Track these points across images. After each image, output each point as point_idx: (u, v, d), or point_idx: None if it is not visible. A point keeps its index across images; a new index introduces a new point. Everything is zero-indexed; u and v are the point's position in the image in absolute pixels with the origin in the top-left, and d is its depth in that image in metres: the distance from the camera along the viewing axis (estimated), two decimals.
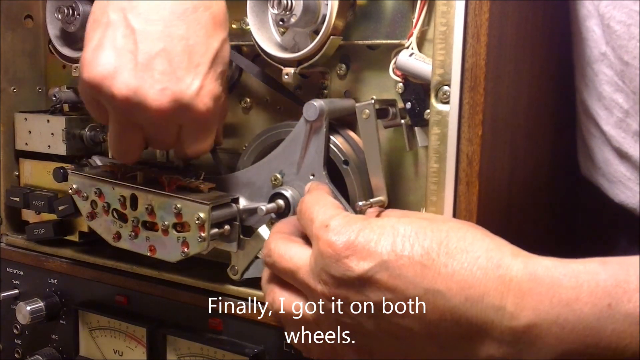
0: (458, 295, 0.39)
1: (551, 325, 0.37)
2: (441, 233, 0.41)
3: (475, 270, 0.39)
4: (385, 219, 0.43)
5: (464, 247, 0.40)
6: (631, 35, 0.48)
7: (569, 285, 0.37)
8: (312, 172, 0.55)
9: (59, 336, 0.72)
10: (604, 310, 0.36)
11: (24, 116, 0.74)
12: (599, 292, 0.36)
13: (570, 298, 0.37)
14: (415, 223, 0.42)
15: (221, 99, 0.54)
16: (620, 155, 0.53)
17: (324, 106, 0.53)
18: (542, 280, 0.38)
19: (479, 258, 0.40)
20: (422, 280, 0.40)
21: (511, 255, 0.40)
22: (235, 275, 0.58)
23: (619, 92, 0.51)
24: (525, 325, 0.38)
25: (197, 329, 0.62)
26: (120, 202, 0.59)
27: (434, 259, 0.40)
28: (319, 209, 0.47)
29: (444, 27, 0.47)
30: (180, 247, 0.56)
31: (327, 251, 0.43)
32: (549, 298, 0.37)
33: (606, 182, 0.56)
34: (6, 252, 0.76)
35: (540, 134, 0.61)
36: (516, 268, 0.39)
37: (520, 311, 0.38)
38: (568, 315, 0.37)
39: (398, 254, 0.41)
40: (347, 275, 0.42)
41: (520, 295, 0.38)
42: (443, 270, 0.40)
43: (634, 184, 0.53)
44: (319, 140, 0.54)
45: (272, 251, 0.48)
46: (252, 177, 0.58)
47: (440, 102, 0.48)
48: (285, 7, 0.53)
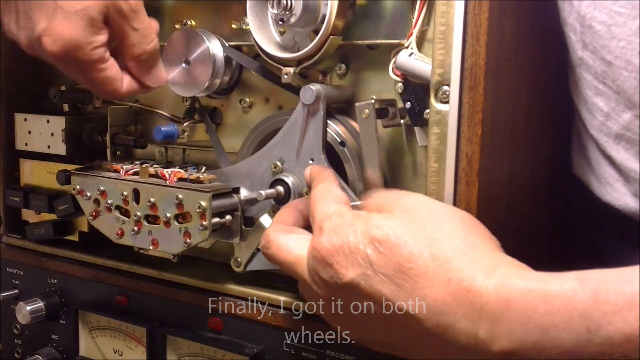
0: (430, 321, 0.39)
1: (528, 350, 0.37)
2: (414, 245, 0.41)
3: (446, 297, 0.39)
4: (369, 221, 0.43)
5: (435, 266, 0.40)
6: (612, 35, 0.48)
7: (545, 311, 0.36)
8: (311, 157, 0.55)
9: (59, 336, 0.72)
10: (582, 334, 0.35)
11: (24, 116, 0.74)
12: (576, 317, 0.35)
13: (547, 324, 0.36)
14: (397, 232, 0.42)
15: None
16: (605, 157, 0.53)
17: (320, 90, 0.54)
18: (516, 306, 0.37)
19: (450, 281, 0.39)
20: (397, 299, 0.40)
21: (484, 276, 0.39)
22: (238, 268, 0.58)
23: (598, 96, 0.51)
24: (500, 352, 0.37)
25: (197, 329, 0.62)
26: (122, 198, 0.60)
27: (404, 279, 0.40)
28: (320, 206, 0.47)
29: (444, 26, 0.48)
30: (183, 237, 0.57)
31: (316, 254, 0.44)
32: (522, 325, 0.37)
33: (596, 182, 0.56)
34: (6, 252, 0.76)
35: (540, 133, 0.61)
36: (487, 293, 0.38)
37: (493, 338, 0.38)
38: (545, 341, 0.36)
39: (375, 269, 0.41)
40: (334, 280, 0.43)
41: (493, 322, 0.38)
42: (415, 293, 0.40)
43: (621, 185, 0.53)
44: (317, 124, 0.54)
45: (271, 242, 0.49)
46: (252, 167, 0.59)
47: (440, 102, 0.48)
48: (285, 7, 0.53)
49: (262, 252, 0.51)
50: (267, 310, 0.58)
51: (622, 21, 0.47)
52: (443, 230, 0.42)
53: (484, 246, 0.42)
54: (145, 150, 0.70)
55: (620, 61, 0.48)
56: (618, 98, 0.50)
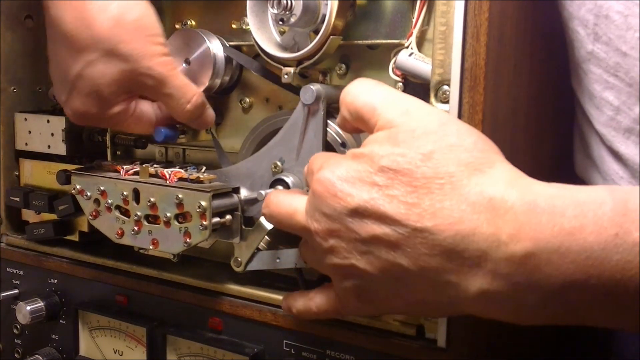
0: (447, 231, 0.38)
1: (551, 254, 0.36)
2: (427, 166, 0.40)
3: (465, 207, 0.38)
4: (371, 147, 0.42)
5: (451, 182, 0.39)
6: (629, 25, 0.48)
7: (572, 215, 0.36)
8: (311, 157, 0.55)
9: (59, 336, 0.72)
10: (609, 239, 0.34)
11: (24, 116, 0.74)
12: (605, 221, 0.35)
13: (574, 227, 0.35)
14: (399, 152, 0.40)
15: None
16: (612, 153, 0.53)
17: (321, 90, 0.54)
18: (543, 209, 0.36)
19: (469, 193, 0.38)
20: (408, 218, 0.39)
21: (506, 184, 0.38)
22: (238, 267, 0.58)
23: (608, 90, 0.51)
24: (522, 255, 0.36)
25: (197, 329, 0.62)
26: (122, 198, 0.60)
27: (419, 197, 0.39)
28: (318, 158, 0.47)
29: (444, 26, 0.48)
30: (183, 237, 0.57)
31: (317, 189, 0.43)
32: (549, 227, 0.36)
33: (601, 180, 0.56)
34: (6, 252, 0.76)
35: (540, 133, 0.61)
36: (511, 199, 0.37)
37: (517, 241, 0.36)
38: (571, 244, 0.35)
39: (384, 192, 0.40)
40: (337, 211, 0.42)
41: (517, 225, 0.37)
42: (430, 209, 0.39)
43: (626, 183, 0.53)
44: (317, 124, 0.54)
45: (269, 201, 0.50)
46: (252, 167, 0.59)
47: (440, 102, 0.48)
48: (285, 7, 0.53)
49: (263, 213, 0.51)
50: (267, 310, 0.58)
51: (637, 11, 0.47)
52: (457, 147, 0.40)
53: (502, 162, 0.41)
54: (145, 150, 0.70)
55: (636, 52, 0.48)
56: (630, 91, 0.50)
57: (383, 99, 0.44)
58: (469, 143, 0.41)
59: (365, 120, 0.45)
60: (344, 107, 0.47)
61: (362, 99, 0.45)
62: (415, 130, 0.41)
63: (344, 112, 0.47)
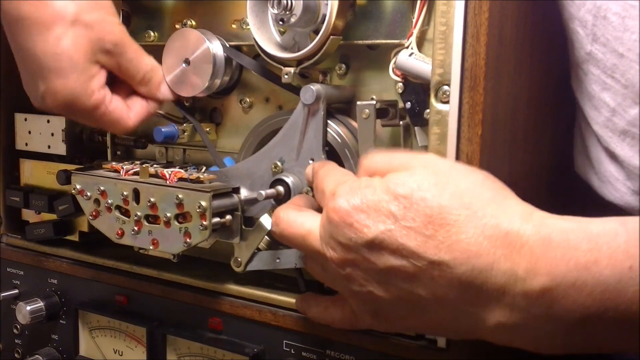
0: (465, 264, 0.38)
1: (568, 288, 0.36)
2: (443, 197, 0.40)
3: (482, 240, 0.38)
4: (389, 179, 0.42)
5: (467, 214, 0.39)
6: (625, 27, 0.48)
7: (587, 248, 0.36)
8: (311, 157, 0.55)
9: (59, 336, 0.72)
10: (624, 272, 0.35)
11: (24, 116, 0.74)
12: (620, 254, 0.35)
13: (589, 261, 0.36)
14: (415, 180, 0.41)
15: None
16: (609, 155, 0.53)
17: (321, 90, 0.54)
18: (557, 244, 0.37)
19: (485, 226, 0.38)
20: (426, 251, 0.39)
21: (521, 219, 0.39)
22: (238, 267, 0.58)
23: (606, 91, 0.51)
24: (539, 290, 0.37)
25: (197, 329, 0.62)
26: (122, 198, 0.60)
27: (436, 229, 0.39)
28: (330, 178, 0.47)
29: (444, 26, 0.47)
30: (183, 237, 0.57)
31: (333, 217, 0.43)
32: (565, 262, 0.36)
33: (597, 181, 0.56)
34: (6, 252, 0.76)
35: (540, 133, 0.61)
36: (527, 234, 0.38)
37: (534, 276, 0.37)
38: (586, 278, 0.36)
39: (401, 224, 0.40)
40: (354, 241, 0.42)
41: (533, 260, 0.37)
42: (447, 242, 0.39)
43: (621, 185, 0.53)
44: (317, 124, 0.54)
45: (280, 219, 0.49)
46: (252, 168, 0.59)
47: (440, 102, 0.48)
48: (285, 7, 0.53)
49: (272, 231, 0.50)
50: (267, 310, 0.58)
51: (636, 14, 0.48)
52: (469, 182, 0.41)
53: (513, 196, 0.42)
54: (145, 150, 0.70)
55: (632, 54, 0.48)
56: (626, 93, 0.50)
57: (398, 156, 0.45)
58: (480, 179, 0.42)
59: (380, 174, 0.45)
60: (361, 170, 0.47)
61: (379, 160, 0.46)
62: (428, 166, 0.42)
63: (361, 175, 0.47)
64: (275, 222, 0.49)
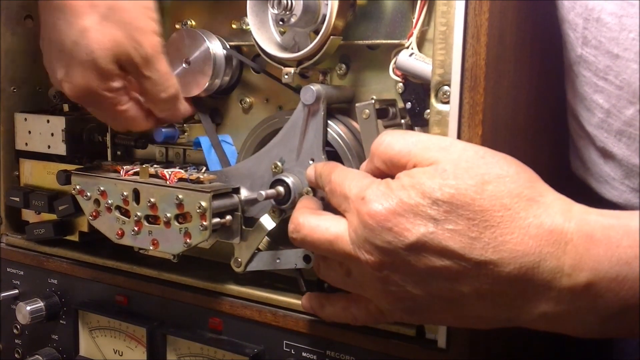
0: (512, 264, 0.39)
1: (610, 282, 0.38)
2: (483, 199, 0.40)
3: (527, 240, 0.39)
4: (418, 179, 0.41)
5: (509, 214, 0.40)
6: (623, 26, 0.48)
7: (627, 245, 0.38)
8: (311, 157, 0.55)
9: (59, 336, 0.72)
10: None
11: (24, 116, 0.74)
12: None
13: (630, 257, 0.38)
14: (452, 185, 0.40)
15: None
16: (605, 155, 0.53)
17: (321, 90, 0.54)
18: (600, 241, 0.38)
19: (530, 226, 0.39)
20: (472, 252, 0.40)
21: (562, 216, 0.40)
22: (238, 268, 0.58)
23: (598, 93, 0.51)
24: (584, 285, 0.38)
25: (197, 329, 0.62)
26: (122, 198, 0.60)
27: (480, 231, 0.40)
28: (350, 182, 0.46)
29: (444, 27, 0.47)
30: (183, 238, 0.57)
31: (368, 222, 0.42)
32: (607, 258, 0.38)
33: (594, 181, 0.56)
34: (6, 252, 0.76)
35: (540, 133, 0.61)
36: (570, 232, 0.39)
37: (579, 272, 0.38)
38: (627, 273, 0.37)
39: (443, 227, 0.40)
40: (393, 245, 0.41)
41: (577, 257, 0.39)
42: (492, 243, 0.39)
43: (619, 184, 0.53)
44: (317, 124, 0.54)
45: (301, 225, 0.48)
46: (252, 168, 0.59)
47: (440, 102, 0.48)
48: (285, 7, 0.53)
49: (291, 238, 0.49)
50: (267, 310, 0.58)
51: (634, 12, 0.47)
52: (505, 180, 0.41)
53: (548, 190, 0.42)
54: (145, 151, 0.70)
55: (630, 53, 0.48)
56: (620, 94, 0.50)
57: (416, 141, 0.44)
58: (513, 173, 0.42)
59: (401, 166, 0.44)
60: (377, 158, 0.46)
61: (396, 147, 0.45)
62: (458, 164, 0.42)
63: (378, 164, 0.46)
64: (295, 229, 0.48)
